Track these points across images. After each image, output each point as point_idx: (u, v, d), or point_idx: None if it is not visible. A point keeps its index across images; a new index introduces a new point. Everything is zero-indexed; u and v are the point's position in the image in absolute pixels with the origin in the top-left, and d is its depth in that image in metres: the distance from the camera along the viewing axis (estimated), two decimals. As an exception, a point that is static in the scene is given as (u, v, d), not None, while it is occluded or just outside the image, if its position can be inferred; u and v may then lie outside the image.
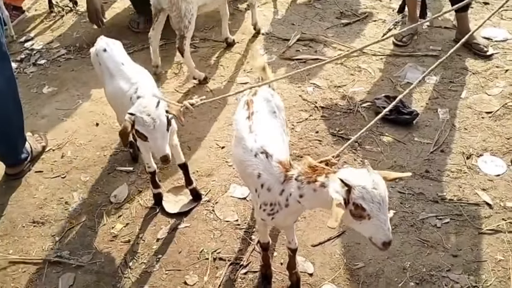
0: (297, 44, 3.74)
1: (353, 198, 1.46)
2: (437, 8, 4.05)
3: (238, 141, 1.88)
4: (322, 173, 1.59)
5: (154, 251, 2.32)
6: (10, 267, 2.30)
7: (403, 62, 3.45)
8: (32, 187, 2.70)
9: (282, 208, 1.73)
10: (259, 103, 1.96)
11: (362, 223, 1.49)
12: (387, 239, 1.49)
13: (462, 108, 3.04)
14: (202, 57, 3.69)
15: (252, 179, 1.77)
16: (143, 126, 1.93)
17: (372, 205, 1.45)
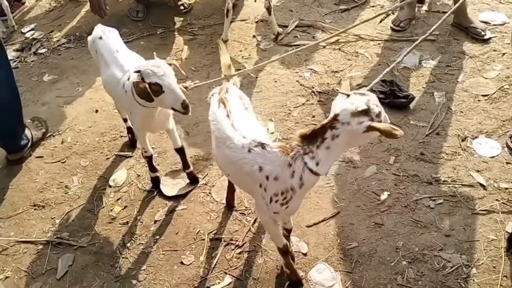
0: (295, 31, 3.75)
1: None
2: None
3: (221, 141, 1.82)
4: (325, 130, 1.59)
5: (151, 232, 2.37)
6: (11, 248, 2.37)
7: (401, 47, 3.45)
8: (33, 172, 2.76)
9: (296, 192, 1.70)
10: (233, 100, 1.92)
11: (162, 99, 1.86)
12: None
13: (459, 92, 3.04)
14: (200, 44, 3.72)
15: (253, 175, 1.73)
16: (154, 76, 1.91)
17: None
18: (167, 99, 1.97)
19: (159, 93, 1.95)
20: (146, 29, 3.95)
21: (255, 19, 3.94)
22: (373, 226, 2.31)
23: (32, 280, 2.22)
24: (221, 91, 1.95)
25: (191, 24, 3.97)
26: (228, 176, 2.01)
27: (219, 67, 3.40)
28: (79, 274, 2.22)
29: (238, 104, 1.92)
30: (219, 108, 1.88)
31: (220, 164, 1.93)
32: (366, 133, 1.57)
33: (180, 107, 1.96)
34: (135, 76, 1.97)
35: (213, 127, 1.88)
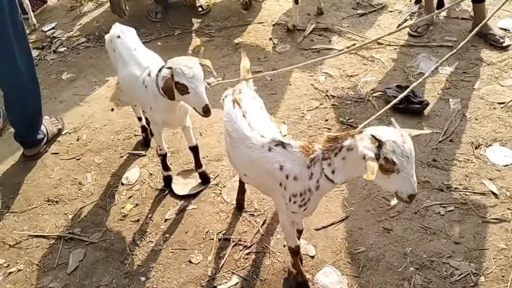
0: (312, 34, 3.76)
1: (384, 153, 1.47)
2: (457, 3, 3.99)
3: (239, 141, 1.83)
4: (346, 138, 1.59)
5: (161, 230, 2.40)
6: (24, 242, 2.42)
7: (417, 52, 3.43)
8: (48, 167, 2.82)
9: (313, 193, 1.72)
10: (248, 101, 1.94)
11: (390, 178, 1.51)
12: (413, 191, 1.52)
13: (474, 99, 3.01)
14: (217, 46, 3.75)
15: (273, 174, 1.74)
16: (183, 76, 1.96)
17: (402, 159, 1.47)
18: (191, 100, 2.04)
19: (184, 93, 2.02)
20: (164, 30, 4.01)
21: (272, 21, 3.96)
22: (382, 231, 2.30)
23: (44, 273, 2.26)
24: (235, 92, 1.97)
25: (208, 25, 4.02)
26: (244, 177, 2.02)
27: (235, 69, 3.47)
28: (89, 269, 2.26)
29: (252, 104, 1.94)
30: (234, 108, 1.90)
31: (237, 165, 1.94)
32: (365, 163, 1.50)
33: (201, 110, 2.01)
34: (167, 72, 2.02)
35: (229, 127, 1.88)
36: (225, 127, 1.94)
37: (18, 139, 2.84)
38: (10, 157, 2.91)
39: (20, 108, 2.73)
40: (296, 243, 1.98)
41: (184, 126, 2.43)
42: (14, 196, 2.66)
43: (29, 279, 2.25)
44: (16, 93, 2.67)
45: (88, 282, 2.21)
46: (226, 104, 1.98)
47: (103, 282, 2.20)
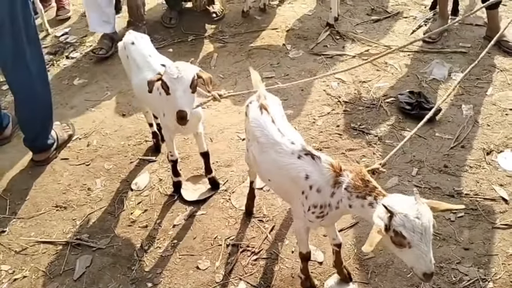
0: (325, 40, 3.74)
1: (394, 225, 1.43)
2: (470, 5, 3.95)
3: (268, 147, 1.83)
4: (372, 192, 1.58)
5: (170, 236, 2.39)
6: (31, 248, 2.40)
7: (431, 58, 3.40)
8: (57, 173, 2.83)
9: (332, 210, 1.72)
10: (274, 107, 1.95)
11: (403, 251, 1.46)
12: (428, 271, 1.45)
13: (487, 105, 2.97)
14: (230, 52, 3.75)
15: (298, 182, 1.74)
16: (167, 76, 1.98)
17: (413, 234, 1.41)
18: (170, 102, 2.05)
19: (167, 93, 2.03)
20: (177, 35, 4.03)
21: (285, 28, 3.96)
22: (391, 238, 2.26)
23: (49, 280, 2.25)
24: (260, 98, 1.97)
25: (222, 31, 4.03)
26: (268, 182, 2.01)
27: (247, 75, 3.47)
28: (96, 275, 2.25)
29: (279, 111, 1.97)
30: (262, 114, 1.90)
31: (262, 170, 1.93)
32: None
33: (175, 114, 2.00)
34: (161, 70, 2.05)
35: (258, 133, 1.88)
36: (251, 133, 1.94)
37: (27, 143, 2.85)
38: (19, 163, 2.92)
39: (30, 112, 2.74)
40: (307, 249, 1.98)
41: (196, 133, 2.43)
42: (22, 202, 2.66)
43: (34, 286, 2.23)
44: (27, 97, 2.69)
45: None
46: (252, 110, 1.97)
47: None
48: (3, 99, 3.47)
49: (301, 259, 2.02)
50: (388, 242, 1.47)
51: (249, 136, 2.02)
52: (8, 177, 2.84)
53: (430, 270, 1.45)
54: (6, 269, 2.32)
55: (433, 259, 1.45)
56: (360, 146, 2.76)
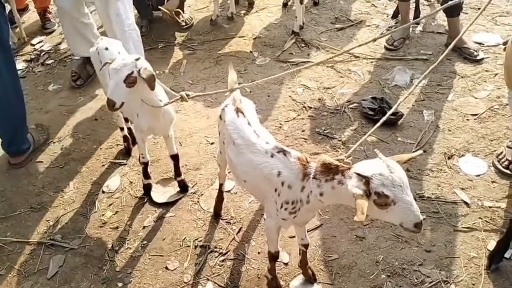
0: (291, 48, 3.87)
1: (374, 188, 1.45)
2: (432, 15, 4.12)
3: (244, 148, 1.88)
4: (338, 170, 1.60)
5: (140, 237, 2.46)
6: (7, 248, 2.47)
7: (393, 65, 3.54)
8: (32, 175, 2.89)
9: (304, 205, 1.75)
10: (249, 110, 2.02)
11: (389, 211, 1.47)
12: (418, 219, 1.47)
13: (448, 110, 3.11)
14: (199, 59, 3.85)
15: (271, 179, 1.79)
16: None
17: (394, 189, 1.43)
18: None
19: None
20: (148, 43, 4.09)
21: (252, 35, 4.07)
22: (355, 239, 2.36)
23: (24, 278, 2.31)
24: (236, 102, 2.02)
25: (191, 39, 4.12)
26: (243, 184, 2.05)
27: (215, 81, 3.57)
28: (68, 274, 2.31)
29: (253, 114, 2.03)
30: (239, 117, 1.96)
31: (238, 171, 1.97)
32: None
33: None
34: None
35: (235, 135, 1.93)
36: (228, 135, 1.99)
37: (3, 148, 2.92)
38: (-4, 165, 2.98)
39: (5, 118, 2.80)
40: (276, 249, 2.04)
41: (167, 135, 2.51)
42: (-2, 204, 2.73)
43: (10, 283, 2.30)
44: (1, 104, 2.74)
45: (67, 287, 2.26)
46: (228, 113, 2.02)
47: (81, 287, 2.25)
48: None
49: (270, 258, 2.09)
50: (372, 208, 1.48)
51: (224, 139, 2.07)
52: (-16, 179, 2.89)
53: (420, 219, 1.47)
54: (-17, 267, 2.38)
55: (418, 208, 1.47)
56: (324, 150, 2.87)
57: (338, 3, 4.42)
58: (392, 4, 4.26)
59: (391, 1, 4.33)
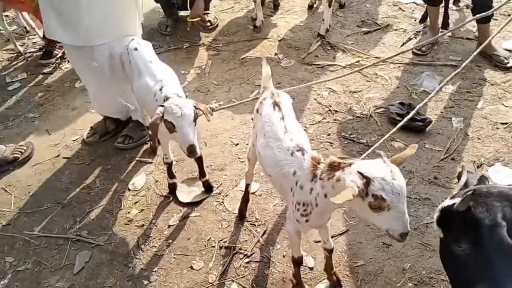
0: (316, 50, 3.84)
1: (373, 190, 1.44)
2: (461, 19, 4.07)
3: (272, 142, 1.88)
4: (338, 168, 1.60)
5: (165, 236, 2.47)
6: (33, 242, 2.50)
7: (421, 71, 3.50)
8: (59, 171, 2.91)
9: (314, 208, 1.74)
10: (287, 105, 2.00)
11: (380, 215, 1.47)
12: (405, 230, 1.48)
13: (477, 118, 3.05)
14: (224, 60, 3.84)
15: (288, 178, 1.79)
16: (171, 115, 2.06)
17: (392, 196, 1.43)
18: (177, 138, 2.13)
19: (172, 131, 2.11)
20: (173, 43, 4.12)
21: (277, 37, 4.06)
22: (381, 246, 2.34)
23: (51, 273, 2.33)
24: (274, 96, 2.02)
25: (216, 40, 4.12)
26: (269, 178, 2.05)
27: (240, 82, 3.56)
28: (95, 270, 2.33)
29: (290, 109, 2.01)
30: (275, 111, 1.95)
31: (265, 164, 1.96)
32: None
33: (186, 150, 2.09)
34: (159, 110, 2.11)
35: (267, 128, 1.93)
36: (261, 128, 1.99)
37: None
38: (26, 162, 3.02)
39: None
40: (299, 254, 2.03)
41: None
42: (25, 197, 2.76)
43: (36, 278, 2.32)
44: None
45: (93, 283, 2.28)
46: (266, 106, 2.01)
47: (107, 284, 2.26)
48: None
49: (293, 263, 2.08)
50: (364, 208, 1.49)
51: (257, 132, 2.05)
52: (13, 174, 2.93)
53: (407, 230, 1.47)
54: (10, 261, 2.41)
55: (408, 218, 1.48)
56: (350, 155, 2.85)
57: (364, 6, 4.39)
58: (420, 8, 4.21)
59: (418, 5, 4.28)
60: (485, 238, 1.26)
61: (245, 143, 3.00)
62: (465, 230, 1.31)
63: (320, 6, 4.43)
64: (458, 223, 1.32)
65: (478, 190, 1.35)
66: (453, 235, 1.36)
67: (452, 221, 1.34)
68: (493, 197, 1.31)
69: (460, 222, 1.31)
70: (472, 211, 1.30)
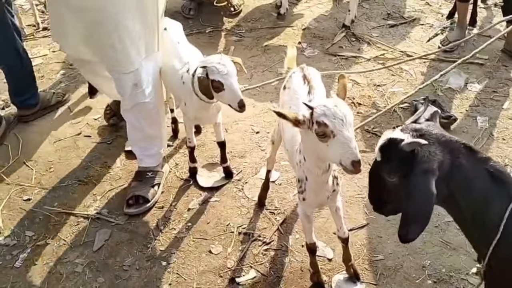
0: (341, 41, 3.80)
1: (315, 117, 1.51)
2: (488, 17, 4.00)
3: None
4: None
5: (184, 219, 2.46)
6: (54, 217, 2.50)
7: (447, 67, 3.42)
8: (80, 149, 2.91)
9: (306, 183, 1.79)
10: (316, 80, 1.99)
11: (329, 145, 1.51)
12: (356, 158, 1.49)
13: (503, 119, 3.02)
14: (246, 46, 3.81)
15: (295, 154, 1.83)
16: (218, 74, 2.03)
17: (334, 120, 1.48)
18: (226, 96, 2.10)
19: (220, 90, 2.08)
20: (195, 26, 4.08)
21: (301, 26, 4.01)
22: (401, 242, 2.32)
23: (70, 249, 2.34)
24: (304, 69, 2.01)
25: (239, 26, 4.09)
26: (286, 154, 2.06)
27: (262, 69, 3.53)
28: (114, 249, 2.33)
29: (319, 84, 2.00)
30: (304, 84, 1.94)
31: (285, 139, 1.99)
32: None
33: (237, 105, 2.08)
34: (201, 71, 2.08)
35: (294, 101, 1.93)
36: (287, 101, 1.99)
37: (11, 98, 3.10)
38: (46, 137, 3.02)
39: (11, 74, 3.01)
40: (311, 240, 2.02)
41: (215, 122, 2.49)
42: (46, 173, 2.76)
43: (56, 253, 2.33)
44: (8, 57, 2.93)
45: (112, 261, 2.28)
46: (294, 79, 2.00)
47: (126, 263, 2.27)
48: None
49: (308, 250, 2.08)
50: (315, 141, 1.55)
51: (283, 105, 2.04)
52: (34, 149, 2.93)
53: (357, 157, 1.49)
54: (30, 235, 2.42)
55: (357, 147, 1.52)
56: (372, 149, 2.82)
57: (390, -2, 4.32)
58: (447, 4, 4.14)
59: (446, 0, 4.21)
60: (414, 179, 1.35)
61: (266, 132, 2.98)
62: (401, 166, 1.39)
63: (345, -4, 4.37)
64: (397, 157, 1.38)
65: (427, 134, 1.40)
66: (389, 164, 1.43)
67: (393, 153, 1.39)
68: (438, 145, 1.38)
69: (399, 157, 1.38)
70: (415, 153, 1.36)
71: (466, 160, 1.39)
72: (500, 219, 1.37)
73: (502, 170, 1.42)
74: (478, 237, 1.51)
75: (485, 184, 1.39)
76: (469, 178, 1.40)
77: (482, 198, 1.41)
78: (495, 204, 1.39)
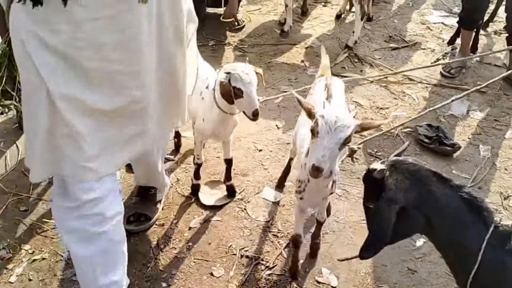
0: (343, 62, 3.79)
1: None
2: (488, 45, 4.05)
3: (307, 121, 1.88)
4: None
5: (185, 238, 2.39)
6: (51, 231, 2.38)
7: (449, 93, 3.46)
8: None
9: (306, 184, 1.88)
10: (337, 89, 2.10)
11: (239, 102, 1.99)
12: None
13: (505, 148, 3.03)
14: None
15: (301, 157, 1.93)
16: (240, 81, 2.05)
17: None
18: (243, 103, 2.10)
19: (238, 97, 2.09)
20: (198, 39, 3.93)
21: (304, 44, 4.01)
22: (406, 272, 2.28)
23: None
24: (327, 79, 2.16)
25: (242, 40, 4.06)
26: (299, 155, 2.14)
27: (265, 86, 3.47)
28: (112, 268, 2.23)
29: (339, 94, 2.12)
30: (324, 91, 2.06)
31: (298, 142, 2.09)
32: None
33: (251, 113, 2.09)
34: (224, 76, 2.09)
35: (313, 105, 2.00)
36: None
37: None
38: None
39: None
40: (297, 231, 2.12)
41: (225, 140, 2.47)
42: (45, 184, 2.64)
43: (52, 269, 2.22)
44: None
45: (110, 280, 2.18)
46: (318, 86, 2.17)
47: (125, 283, 2.17)
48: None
49: (291, 241, 2.18)
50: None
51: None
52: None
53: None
54: (26, 249, 2.31)
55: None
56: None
57: (392, 21, 4.36)
58: (448, 29, 4.19)
59: (446, 26, 4.26)
60: (377, 204, 1.47)
61: (269, 150, 2.94)
62: (374, 193, 1.50)
63: (348, 16, 4.39)
64: (373, 185, 1.51)
65: (398, 163, 1.49)
66: (368, 192, 1.59)
67: (370, 182, 1.53)
68: (407, 174, 1.46)
69: (375, 185, 1.49)
70: (384, 180, 1.46)
71: (437, 188, 1.44)
72: (477, 246, 1.41)
73: (476, 196, 1.45)
74: (457, 265, 1.56)
75: (459, 211, 1.43)
76: (442, 206, 1.44)
77: (458, 225, 1.45)
78: (471, 230, 1.43)
